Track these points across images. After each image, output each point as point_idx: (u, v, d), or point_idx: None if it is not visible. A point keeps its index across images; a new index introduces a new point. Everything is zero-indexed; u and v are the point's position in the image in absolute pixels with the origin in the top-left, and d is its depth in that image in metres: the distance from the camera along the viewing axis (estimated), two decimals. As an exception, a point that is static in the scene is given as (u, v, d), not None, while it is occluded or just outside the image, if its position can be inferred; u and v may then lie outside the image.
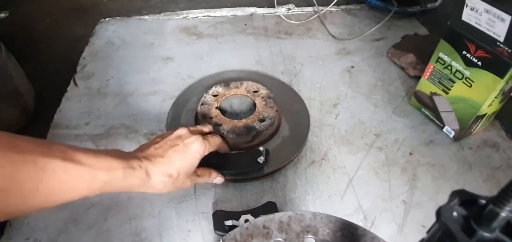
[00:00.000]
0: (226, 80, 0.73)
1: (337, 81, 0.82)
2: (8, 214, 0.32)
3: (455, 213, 0.22)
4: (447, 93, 0.67)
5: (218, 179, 0.55)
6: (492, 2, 0.54)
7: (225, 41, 0.94)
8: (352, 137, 0.69)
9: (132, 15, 1.04)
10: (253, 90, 0.70)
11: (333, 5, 1.03)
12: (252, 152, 0.58)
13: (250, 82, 0.72)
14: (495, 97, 0.60)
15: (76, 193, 0.35)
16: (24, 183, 0.30)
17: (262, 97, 0.68)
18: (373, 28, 0.97)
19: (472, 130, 0.68)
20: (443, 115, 0.69)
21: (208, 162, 0.53)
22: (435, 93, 0.69)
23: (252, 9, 1.06)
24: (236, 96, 0.71)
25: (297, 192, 0.60)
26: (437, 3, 1.04)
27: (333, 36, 0.96)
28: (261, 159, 0.56)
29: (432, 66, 0.68)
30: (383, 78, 0.83)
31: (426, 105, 0.72)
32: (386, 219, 0.56)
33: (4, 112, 0.67)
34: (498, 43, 0.56)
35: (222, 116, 0.65)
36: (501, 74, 0.57)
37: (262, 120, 0.64)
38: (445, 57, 0.65)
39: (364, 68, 0.86)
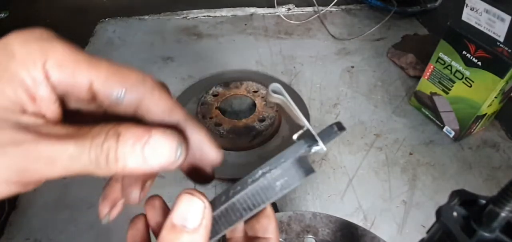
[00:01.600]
0: (226, 80, 0.73)
1: (337, 81, 0.82)
2: None
3: (455, 213, 0.22)
4: (447, 93, 0.67)
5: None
6: (492, 2, 0.54)
7: (225, 41, 0.94)
8: (352, 137, 0.69)
9: (132, 15, 1.04)
10: (253, 90, 0.70)
11: (333, 5, 1.03)
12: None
13: (250, 82, 0.72)
14: (495, 97, 0.60)
15: None
16: None
17: (262, 97, 0.68)
18: (373, 28, 0.97)
19: (472, 130, 0.68)
20: (443, 115, 0.69)
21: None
22: (435, 93, 0.69)
23: (252, 9, 1.06)
24: (236, 97, 0.71)
25: (297, 192, 0.60)
26: (437, 3, 1.04)
27: (333, 36, 0.96)
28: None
29: (432, 66, 0.68)
30: (383, 78, 0.83)
31: (426, 105, 0.72)
32: (386, 219, 0.56)
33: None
34: (498, 43, 0.56)
35: (222, 116, 0.65)
36: (501, 74, 0.57)
37: (262, 120, 0.64)
38: (445, 57, 0.65)
39: (364, 68, 0.86)
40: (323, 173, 0.62)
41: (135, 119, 0.19)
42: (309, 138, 0.19)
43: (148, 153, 0.16)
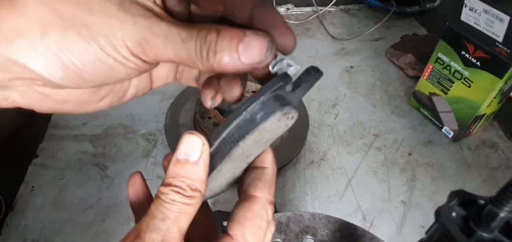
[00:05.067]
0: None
1: (336, 82, 0.81)
2: None
3: (454, 214, 0.22)
4: (446, 93, 0.67)
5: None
6: (491, 2, 0.54)
7: (224, 41, 0.94)
8: (351, 137, 0.69)
9: (131, 15, 1.04)
10: (252, 90, 0.70)
11: (332, 5, 1.03)
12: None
13: (250, 82, 0.72)
14: (494, 97, 0.60)
15: None
16: None
17: (261, 97, 0.68)
18: (372, 28, 0.97)
19: (471, 130, 0.68)
20: (442, 115, 0.69)
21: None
22: (434, 94, 0.69)
23: (251, 9, 1.06)
24: (235, 97, 0.71)
25: (296, 192, 0.59)
26: (436, 3, 1.04)
27: (332, 36, 0.96)
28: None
29: (431, 67, 0.68)
30: (382, 78, 0.83)
31: (425, 105, 0.72)
32: (385, 219, 0.56)
33: (0, 112, 0.67)
34: (497, 44, 0.56)
35: (221, 116, 0.64)
36: (500, 75, 0.57)
37: (260, 120, 0.63)
38: (444, 58, 0.65)
39: (363, 69, 0.85)
40: (322, 173, 0.62)
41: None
42: (286, 77, 0.22)
43: (241, 50, 0.19)
